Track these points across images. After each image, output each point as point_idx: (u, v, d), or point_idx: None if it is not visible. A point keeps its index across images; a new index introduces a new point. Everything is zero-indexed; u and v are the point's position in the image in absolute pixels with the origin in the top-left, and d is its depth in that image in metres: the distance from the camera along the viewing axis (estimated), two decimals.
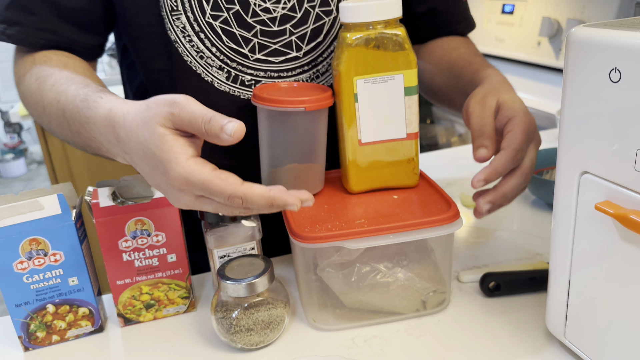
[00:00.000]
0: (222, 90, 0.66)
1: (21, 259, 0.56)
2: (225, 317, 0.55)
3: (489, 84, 0.62)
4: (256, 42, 0.65)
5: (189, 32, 0.64)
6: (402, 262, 0.58)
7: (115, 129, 0.49)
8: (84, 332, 0.61)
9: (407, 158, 0.62)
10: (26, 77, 0.63)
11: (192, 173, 0.44)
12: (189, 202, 0.47)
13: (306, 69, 0.68)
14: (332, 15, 0.67)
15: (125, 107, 0.49)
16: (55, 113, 0.57)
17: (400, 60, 0.58)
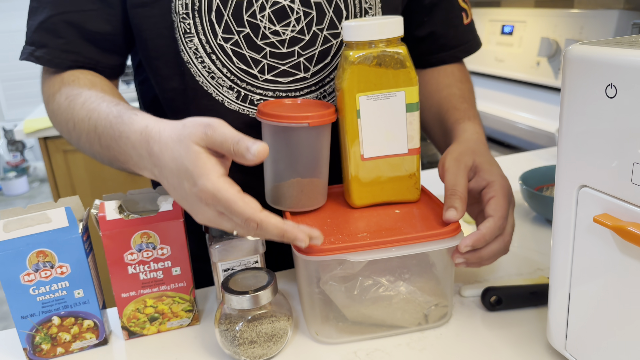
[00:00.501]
0: (232, 109, 0.68)
1: (28, 270, 0.57)
2: (229, 330, 0.56)
3: (466, 142, 0.64)
4: (265, 63, 0.67)
5: (201, 54, 0.66)
6: (404, 275, 0.59)
7: (150, 143, 0.52)
8: (89, 344, 0.61)
9: (409, 173, 0.63)
10: (56, 96, 0.66)
11: (220, 190, 0.48)
12: (211, 217, 0.50)
13: (313, 89, 0.70)
14: (339, 38, 0.68)
15: (161, 124, 0.53)
16: (86, 129, 0.60)
17: (401, 78, 0.59)
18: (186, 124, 0.50)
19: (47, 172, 1.88)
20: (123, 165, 0.58)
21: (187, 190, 0.49)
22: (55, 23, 0.65)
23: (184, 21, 0.64)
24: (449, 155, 0.62)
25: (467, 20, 0.78)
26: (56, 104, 0.66)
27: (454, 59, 0.80)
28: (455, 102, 0.73)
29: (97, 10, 0.66)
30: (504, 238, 0.59)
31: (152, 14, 0.65)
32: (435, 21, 0.77)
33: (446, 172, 0.60)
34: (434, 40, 0.78)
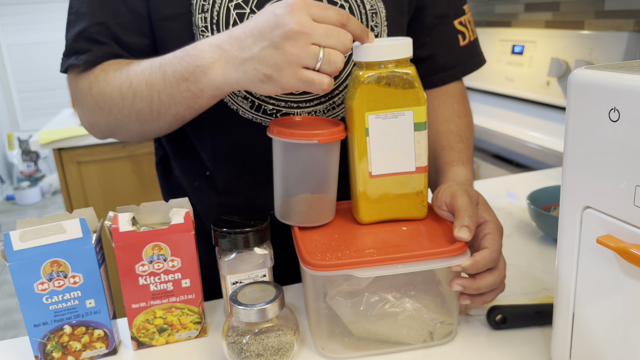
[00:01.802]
0: (246, 118, 0.71)
1: (42, 280, 0.58)
2: (236, 342, 0.57)
3: (462, 184, 0.67)
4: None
5: None
6: (410, 292, 0.60)
7: (227, 33, 0.57)
8: (98, 354, 0.62)
9: (416, 191, 0.64)
10: (100, 77, 0.66)
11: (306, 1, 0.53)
12: (305, 22, 0.52)
13: (323, 100, 0.72)
14: (349, 53, 0.70)
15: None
16: (147, 75, 0.62)
17: (410, 98, 0.61)
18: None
19: (60, 183, 1.91)
20: (190, 78, 0.59)
21: (276, 20, 0.52)
22: (94, 33, 0.67)
23: (203, 34, 0.67)
24: (456, 185, 0.64)
25: (463, 42, 0.81)
26: (102, 82, 0.66)
27: (452, 78, 0.82)
28: (451, 141, 0.75)
29: (131, 22, 0.68)
30: (499, 272, 0.60)
31: (174, 27, 0.68)
32: (434, 42, 0.79)
33: (456, 198, 0.62)
34: (434, 60, 0.80)
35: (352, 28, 0.56)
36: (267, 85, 0.55)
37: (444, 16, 0.78)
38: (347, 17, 0.56)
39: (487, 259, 0.58)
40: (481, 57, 0.83)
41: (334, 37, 0.54)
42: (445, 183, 0.67)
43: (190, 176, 0.78)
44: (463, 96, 0.82)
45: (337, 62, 0.54)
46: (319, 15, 0.54)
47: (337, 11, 0.55)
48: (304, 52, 0.53)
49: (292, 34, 0.52)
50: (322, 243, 0.62)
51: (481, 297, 0.61)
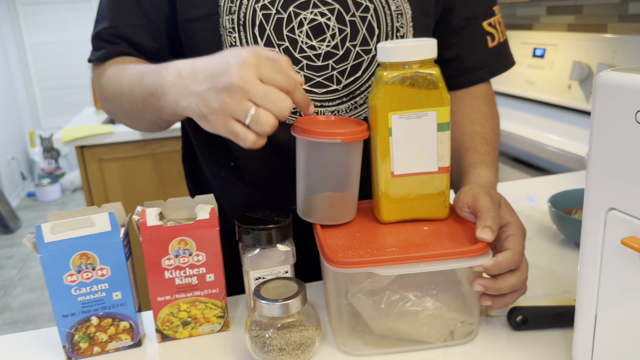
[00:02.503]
0: None
1: (71, 271, 0.60)
2: (259, 336, 0.58)
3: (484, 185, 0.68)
4: (302, 75, 0.71)
5: None
6: (432, 291, 0.60)
7: (190, 62, 0.59)
8: (124, 345, 0.64)
9: (438, 191, 0.65)
10: (106, 72, 0.73)
11: (261, 49, 0.56)
12: (248, 79, 0.53)
13: (345, 100, 0.73)
14: (371, 53, 0.71)
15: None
16: (132, 80, 0.66)
17: (433, 98, 0.61)
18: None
19: (82, 180, 1.95)
20: (154, 93, 0.62)
21: (224, 67, 0.54)
22: (109, 34, 0.73)
23: (230, 35, 0.69)
24: (478, 187, 0.65)
25: (492, 43, 0.80)
26: (105, 77, 0.73)
27: (479, 80, 0.82)
28: (476, 143, 0.76)
29: (143, 25, 0.73)
30: (521, 274, 0.60)
31: (202, 28, 0.70)
32: (462, 44, 0.79)
33: (479, 199, 0.62)
34: (461, 62, 0.80)
35: (295, 97, 0.57)
36: (203, 122, 0.57)
37: (472, 18, 0.78)
38: (295, 86, 0.56)
39: (510, 260, 0.58)
40: (510, 59, 0.83)
41: (271, 100, 0.54)
42: (468, 185, 0.67)
43: (216, 167, 0.81)
44: (490, 98, 0.82)
45: (266, 124, 0.54)
46: (266, 76, 0.55)
47: (287, 78, 0.56)
48: (237, 105, 0.54)
49: (232, 86, 0.53)
50: (343, 241, 0.62)
51: (502, 298, 0.61)
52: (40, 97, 4.32)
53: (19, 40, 4.16)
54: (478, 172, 0.71)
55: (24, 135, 4.27)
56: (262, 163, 0.76)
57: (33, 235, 0.59)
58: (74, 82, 4.25)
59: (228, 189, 0.81)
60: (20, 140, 4.20)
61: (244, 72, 0.53)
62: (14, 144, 4.09)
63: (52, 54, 4.21)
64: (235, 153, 0.77)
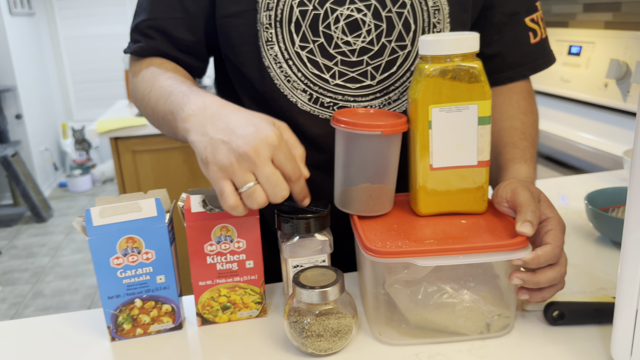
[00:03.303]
0: (304, 110, 0.74)
1: (117, 254, 0.62)
2: (297, 322, 0.59)
3: (523, 180, 0.67)
4: (337, 70, 0.72)
5: (280, 60, 0.72)
6: (469, 284, 0.60)
7: (219, 103, 0.60)
8: (165, 327, 0.66)
9: (477, 185, 0.65)
10: (142, 72, 0.75)
11: (287, 131, 0.58)
12: (261, 155, 0.54)
13: (378, 95, 0.74)
14: (406, 49, 0.72)
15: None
16: (161, 91, 0.68)
17: (475, 92, 0.62)
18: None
19: (115, 170, 1.99)
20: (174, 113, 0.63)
21: (247, 132, 0.54)
22: (147, 27, 0.75)
23: (267, 31, 0.70)
24: (517, 182, 0.65)
25: (534, 39, 0.80)
26: (140, 76, 0.74)
27: (521, 77, 0.82)
28: (515, 138, 0.75)
29: (181, 19, 0.74)
30: (560, 268, 0.60)
31: (240, 24, 0.72)
32: (503, 40, 0.79)
33: (518, 194, 0.62)
34: (502, 58, 0.80)
35: (295, 187, 0.58)
36: (202, 164, 0.57)
37: (515, 14, 0.78)
38: (299, 178, 0.58)
39: (549, 254, 0.58)
40: (551, 55, 0.83)
41: (272, 184, 0.55)
42: (506, 180, 0.67)
43: None
44: (529, 93, 0.82)
45: (256, 202, 0.55)
46: (279, 160, 0.55)
47: (295, 168, 0.57)
48: (239, 172, 0.54)
49: (245, 154, 0.54)
50: (381, 232, 0.63)
51: (540, 292, 0.61)
52: (73, 90, 4.42)
53: (54, 34, 4.26)
54: (517, 167, 0.71)
55: (57, 127, 4.37)
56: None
57: (82, 219, 0.61)
58: (105, 76, 4.34)
59: None
60: (53, 132, 4.31)
61: (262, 147, 0.54)
62: (47, 136, 4.20)
63: (85, 48, 4.30)
64: None
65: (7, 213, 3.66)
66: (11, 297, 2.67)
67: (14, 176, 3.38)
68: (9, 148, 3.41)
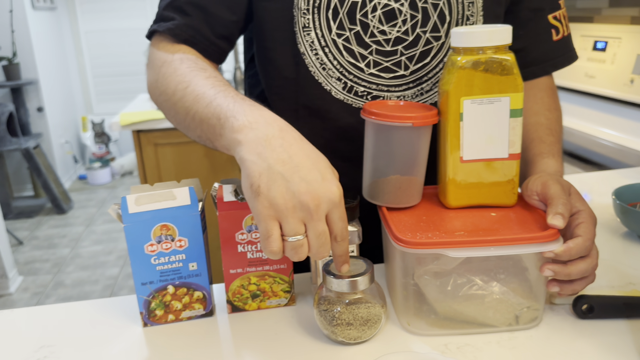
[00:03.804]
0: (338, 99, 0.75)
1: (152, 242, 0.63)
2: (328, 310, 0.60)
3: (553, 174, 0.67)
4: (371, 59, 0.73)
5: (316, 47, 0.72)
6: (500, 275, 0.61)
7: (283, 126, 0.55)
8: (196, 314, 0.67)
9: (508, 178, 0.65)
10: (174, 62, 0.68)
11: (342, 200, 0.53)
12: (320, 209, 0.51)
13: (411, 86, 0.74)
14: (441, 40, 0.72)
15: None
16: (202, 90, 0.62)
17: (507, 84, 0.62)
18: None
19: (137, 163, 2.02)
20: (221, 119, 0.57)
21: (312, 178, 0.51)
22: (185, 3, 0.71)
23: (304, 16, 0.71)
24: (547, 175, 0.65)
25: (557, 36, 0.80)
26: (173, 68, 0.68)
27: (543, 72, 0.82)
28: (541, 133, 0.76)
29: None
30: (591, 260, 0.60)
31: (275, 8, 0.72)
32: (528, 36, 0.79)
33: (549, 187, 0.62)
34: (526, 53, 0.80)
35: (337, 248, 0.55)
36: (248, 190, 0.52)
37: (539, 10, 0.78)
38: (344, 238, 0.54)
39: (581, 246, 0.58)
40: (573, 53, 0.83)
41: (319, 242, 0.52)
42: (536, 174, 0.67)
43: None
44: (553, 90, 0.82)
45: (299, 255, 0.52)
46: (332, 217, 0.52)
47: (344, 228, 0.54)
48: (292, 219, 0.51)
49: (304, 203, 0.50)
50: (410, 223, 0.64)
51: (570, 285, 0.61)
52: (93, 84, 4.47)
53: (75, 28, 4.31)
54: (545, 161, 0.71)
55: (77, 120, 4.43)
56: (324, 148, 0.78)
57: (117, 206, 0.63)
58: (125, 70, 4.38)
59: None
60: (73, 125, 4.36)
61: (323, 202, 0.51)
62: (68, 128, 4.25)
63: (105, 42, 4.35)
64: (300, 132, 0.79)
65: (29, 204, 3.72)
66: (33, 287, 2.72)
67: (36, 168, 3.43)
68: (30, 140, 3.46)
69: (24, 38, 3.65)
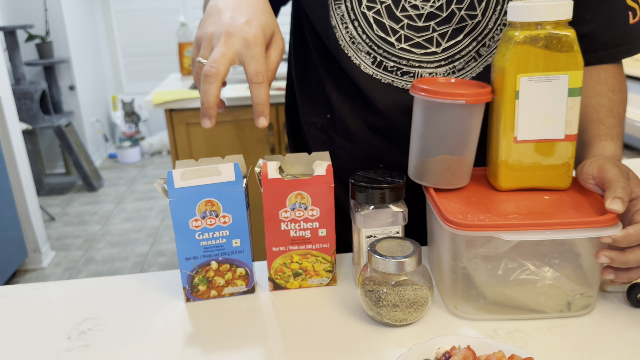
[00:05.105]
0: (367, 73, 0.74)
1: (196, 217, 0.63)
2: (373, 291, 0.59)
3: (609, 158, 0.64)
4: (402, 34, 0.71)
5: (346, 20, 0.72)
6: (554, 261, 0.59)
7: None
8: (238, 290, 0.67)
9: (563, 160, 0.63)
10: None
11: (257, 42, 0.59)
12: (235, 39, 0.58)
13: (443, 63, 0.72)
14: (476, 19, 0.70)
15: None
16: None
17: (567, 61, 0.59)
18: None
19: (169, 142, 2.03)
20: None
21: (233, 17, 0.59)
22: None
23: None
24: (604, 158, 0.62)
25: (634, 19, 0.74)
26: None
27: (612, 59, 0.76)
28: (601, 115, 0.72)
29: None
30: None
31: None
32: (598, 19, 0.73)
33: (606, 170, 0.60)
34: (593, 38, 0.74)
35: (253, 90, 0.60)
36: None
37: None
38: (260, 81, 0.60)
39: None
40: None
41: (212, 59, 0.58)
42: (592, 157, 0.65)
43: (313, 116, 0.83)
44: (619, 70, 0.76)
45: (201, 80, 0.58)
46: (246, 55, 0.59)
47: (257, 70, 0.59)
48: (206, 43, 0.60)
49: (218, 33, 0.59)
50: (460, 205, 0.62)
51: (627, 272, 0.58)
52: (123, 63, 4.51)
53: (106, 7, 4.33)
54: (603, 144, 0.68)
55: (107, 99, 4.48)
56: (357, 118, 0.78)
57: (163, 181, 0.62)
58: (155, 50, 4.39)
59: (321, 139, 0.83)
60: (103, 104, 4.41)
61: (235, 36, 0.59)
62: (98, 107, 4.30)
63: (136, 22, 4.36)
64: (333, 105, 0.78)
65: (60, 181, 3.79)
66: (65, 262, 2.78)
67: (67, 146, 3.49)
68: (62, 118, 3.51)
69: (56, 17, 3.69)
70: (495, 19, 0.70)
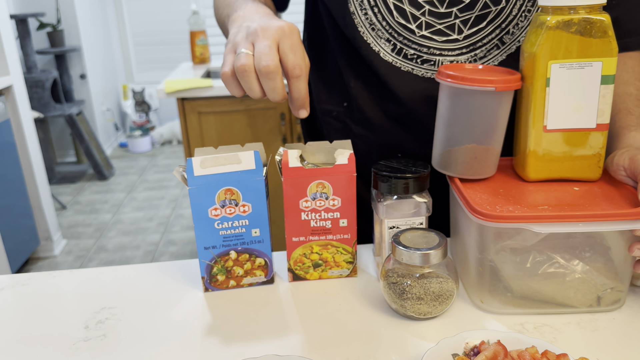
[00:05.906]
0: (386, 61, 0.72)
1: (216, 206, 0.61)
2: (397, 283, 0.57)
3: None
4: (423, 20, 0.69)
5: (366, 6, 0.70)
6: (585, 254, 0.57)
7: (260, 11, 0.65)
8: (257, 281, 0.65)
9: (594, 150, 0.61)
10: None
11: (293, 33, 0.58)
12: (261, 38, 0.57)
13: (464, 51, 0.70)
14: (500, 5, 0.67)
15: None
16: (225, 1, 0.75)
17: (601, 47, 0.57)
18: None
19: (181, 130, 2.01)
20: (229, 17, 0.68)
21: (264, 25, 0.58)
22: None
23: None
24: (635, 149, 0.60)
25: None
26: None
27: (638, 47, 0.74)
28: (629, 104, 0.69)
29: None
30: None
31: None
32: (624, 5, 0.71)
33: (638, 161, 0.58)
34: (619, 24, 0.71)
35: (292, 85, 0.59)
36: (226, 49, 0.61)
37: None
38: (298, 75, 0.58)
39: None
40: None
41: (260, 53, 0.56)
42: (622, 148, 0.62)
43: (329, 104, 0.81)
44: None
45: (240, 61, 0.56)
46: (284, 45, 0.57)
47: (297, 63, 0.57)
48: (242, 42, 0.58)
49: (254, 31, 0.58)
50: (487, 196, 0.60)
51: None
52: (134, 52, 4.49)
53: None
54: (633, 134, 0.66)
55: (118, 88, 4.47)
56: (375, 106, 0.76)
57: (182, 169, 0.61)
58: (166, 39, 4.38)
59: (337, 128, 0.81)
60: (114, 93, 4.41)
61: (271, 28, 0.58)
62: (109, 96, 4.30)
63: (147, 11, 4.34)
64: (350, 92, 0.77)
65: (71, 170, 3.80)
66: (76, 250, 2.79)
67: (78, 134, 3.49)
68: (73, 107, 3.51)
69: (68, 5, 3.68)
70: (520, 4, 0.68)
